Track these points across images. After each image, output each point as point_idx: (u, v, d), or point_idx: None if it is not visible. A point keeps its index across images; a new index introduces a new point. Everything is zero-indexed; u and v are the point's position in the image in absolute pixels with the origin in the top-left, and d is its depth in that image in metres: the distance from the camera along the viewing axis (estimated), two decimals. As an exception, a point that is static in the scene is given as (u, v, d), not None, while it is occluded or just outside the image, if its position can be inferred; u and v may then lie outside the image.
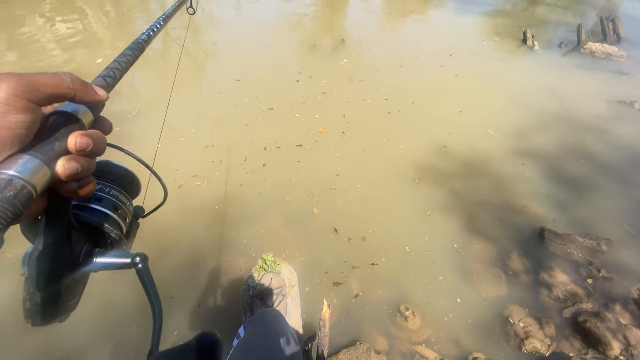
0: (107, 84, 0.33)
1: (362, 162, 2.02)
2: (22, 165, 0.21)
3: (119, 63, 0.39)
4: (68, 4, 4.62)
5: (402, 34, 3.87)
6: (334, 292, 1.43)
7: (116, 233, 0.31)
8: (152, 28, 0.54)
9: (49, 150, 0.24)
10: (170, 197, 0.42)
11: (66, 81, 0.25)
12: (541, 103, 2.56)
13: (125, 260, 0.30)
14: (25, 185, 0.21)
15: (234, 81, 2.79)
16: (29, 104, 0.22)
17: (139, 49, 0.45)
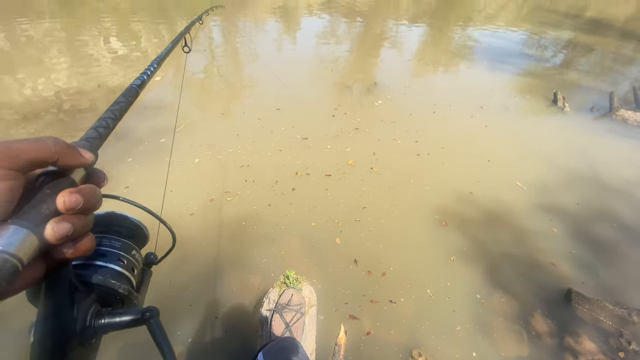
0: (99, 135, 0.33)
1: (387, 199, 2.06)
2: (5, 237, 0.20)
3: (112, 112, 0.39)
4: (124, 26, 5.14)
5: (434, 83, 4.04)
6: (346, 324, 1.42)
7: (124, 288, 0.30)
8: (145, 72, 0.53)
9: (35, 215, 0.22)
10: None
11: (48, 146, 0.24)
12: (570, 163, 2.57)
13: (136, 317, 0.29)
14: (8, 258, 0.19)
15: (275, 110, 2.98)
16: (8, 172, 0.22)
17: (132, 94, 0.45)
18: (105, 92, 3.08)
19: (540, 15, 8.62)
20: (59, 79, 3.30)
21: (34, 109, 2.76)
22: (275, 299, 1.37)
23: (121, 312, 0.29)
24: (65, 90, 3.09)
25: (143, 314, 0.28)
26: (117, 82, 3.30)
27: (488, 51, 5.24)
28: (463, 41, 5.87)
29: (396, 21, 6.96)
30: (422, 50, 5.22)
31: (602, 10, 10.17)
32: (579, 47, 6.04)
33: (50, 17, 5.40)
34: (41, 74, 3.39)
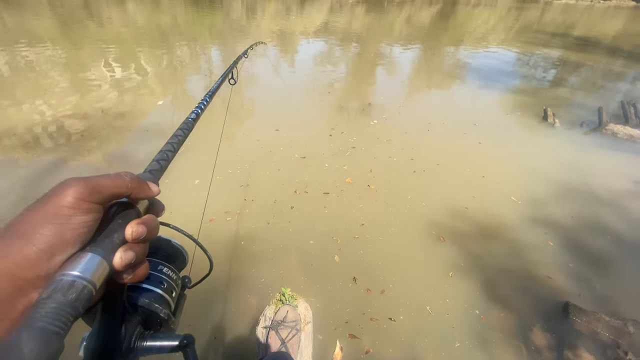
0: (161, 167, 0.37)
1: (385, 215, 2.11)
2: (84, 264, 0.23)
3: (171, 145, 0.43)
4: (128, 53, 5.34)
5: (428, 102, 4.17)
6: (346, 343, 1.43)
7: (165, 312, 0.31)
8: (199, 106, 0.58)
9: (108, 244, 0.25)
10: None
11: (125, 181, 0.27)
12: (563, 177, 2.62)
13: (174, 343, 0.30)
14: (86, 285, 0.22)
15: (274, 131, 3.07)
16: (92, 205, 0.24)
17: (188, 127, 0.49)
18: (107, 118, 3.17)
19: (529, 35, 8.94)
20: (60, 105, 3.40)
21: (35, 135, 2.84)
22: (271, 316, 1.39)
23: (162, 336, 0.30)
24: (68, 117, 3.18)
25: (181, 341, 0.30)
26: (119, 108, 3.40)
27: (479, 71, 5.42)
28: (455, 61, 6.08)
29: (390, 44, 7.22)
30: (415, 71, 5.40)
31: (589, 29, 10.55)
32: (568, 64, 6.25)
33: (52, 44, 5.61)
34: (42, 100, 3.49)
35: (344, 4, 13.24)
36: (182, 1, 11.79)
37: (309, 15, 10.47)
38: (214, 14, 9.80)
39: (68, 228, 0.23)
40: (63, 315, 0.20)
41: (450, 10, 13.29)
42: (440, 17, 11.66)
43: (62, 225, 0.23)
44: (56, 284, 0.21)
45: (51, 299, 0.20)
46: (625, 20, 13.71)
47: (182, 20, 8.55)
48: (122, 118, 3.18)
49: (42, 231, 0.22)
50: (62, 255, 0.23)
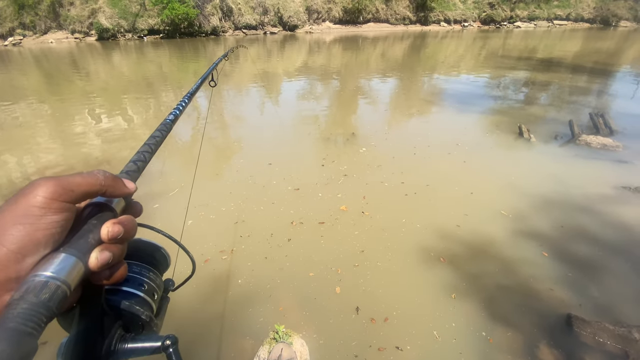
0: (137, 168, 0.37)
1: (382, 241, 2.11)
2: (57, 265, 0.22)
3: (149, 146, 0.42)
4: (114, 103, 5.45)
5: (411, 127, 4.35)
6: None
7: (146, 314, 0.31)
8: (177, 107, 0.56)
9: (83, 244, 0.24)
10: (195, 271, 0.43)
11: (99, 179, 0.26)
12: (547, 188, 2.71)
13: (156, 344, 0.29)
14: (60, 285, 0.21)
15: (265, 166, 3.12)
16: (63, 204, 0.24)
17: (166, 129, 0.48)
18: (92, 166, 3.18)
19: (496, 61, 9.58)
20: (44, 158, 3.40)
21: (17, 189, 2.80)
22: (265, 356, 1.33)
23: (143, 338, 0.30)
24: (53, 167, 3.18)
25: (163, 342, 0.29)
26: (105, 156, 3.42)
27: (455, 96, 5.73)
28: (431, 89, 6.42)
29: (369, 77, 7.61)
30: (396, 99, 5.67)
31: (550, 52, 11.39)
32: (536, 84, 6.67)
33: (37, 99, 5.70)
34: (27, 154, 3.49)
35: (322, 44, 14.04)
36: (166, 51, 12.29)
37: (289, 57, 11.02)
38: (198, 61, 10.21)
39: (39, 228, 0.22)
40: (36, 315, 0.19)
41: (421, 44, 14.23)
42: (412, 50, 12.44)
43: (32, 226, 0.22)
44: (28, 284, 0.21)
45: (23, 299, 0.20)
46: (582, 40, 14.90)
47: (167, 69, 8.87)
48: (107, 166, 3.19)
49: (12, 232, 0.22)
50: (34, 257, 0.22)
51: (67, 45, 14.46)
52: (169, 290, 0.38)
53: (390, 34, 18.08)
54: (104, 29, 15.61)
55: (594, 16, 23.15)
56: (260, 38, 16.59)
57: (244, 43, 14.45)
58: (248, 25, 18.13)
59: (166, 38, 16.35)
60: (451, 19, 21.53)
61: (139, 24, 16.32)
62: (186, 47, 13.45)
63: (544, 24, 22.83)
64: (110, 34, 15.87)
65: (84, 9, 15.59)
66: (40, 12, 15.30)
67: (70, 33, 15.80)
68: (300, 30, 19.00)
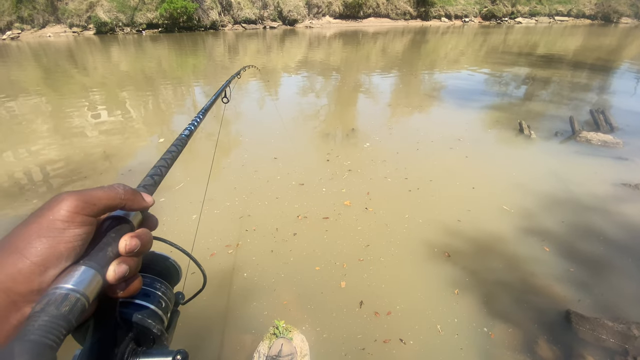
0: (154, 182, 0.37)
1: (385, 236, 2.13)
2: (77, 277, 0.23)
3: (165, 160, 0.43)
4: (113, 97, 5.43)
5: (414, 123, 4.37)
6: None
7: (158, 328, 0.31)
8: (192, 122, 0.57)
9: (102, 257, 0.25)
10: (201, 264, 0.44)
11: (119, 193, 0.27)
12: (547, 184, 2.74)
13: (167, 359, 0.29)
14: (79, 297, 0.22)
15: (270, 161, 3.14)
16: (86, 218, 0.24)
17: (182, 144, 0.49)
18: (91, 162, 3.17)
19: (496, 57, 9.56)
20: (43, 152, 3.39)
21: (19, 184, 2.81)
22: (265, 351, 1.33)
23: (155, 352, 0.30)
24: (52, 162, 3.17)
25: (174, 357, 0.29)
26: (104, 151, 3.42)
27: (456, 91, 5.73)
28: (433, 85, 6.41)
29: (370, 72, 7.59)
30: (398, 95, 5.66)
31: (551, 47, 11.37)
32: (537, 80, 6.67)
33: (36, 93, 5.67)
34: (26, 148, 3.48)
35: (322, 39, 13.96)
36: (165, 45, 12.20)
37: (289, 51, 10.97)
38: (197, 56, 10.15)
39: (61, 241, 0.23)
40: (56, 328, 0.20)
41: (421, 39, 14.17)
42: (413, 45, 12.39)
43: (55, 239, 0.23)
44: (49, 297, 0.21)
45: (44, 312, 0.20)
46: (583, 37, 14.87)
47: (166, 64, 8.81)
48: (106, 161, 3.19)
49: (36, 245, 0.22)
50: (56, 269, 0.23)
51: (65, 39, 14.35)
52: (179, 304, 0.38)
53: (391, 29, 17.98)
54: (102, 23, 15.48)
55: (595, 12, 23.09)
56: (260, 33, 16.48)
57: (243, 37, 14.35)
58: (247, 20, 18.00)
59: (165, 32, 16.23)
60: (452, 14, 21.41)
61: (137, 18, 16.17)
62: (185, 41, 13.35)
63: (545, 19, 22.76)
64: (109, 28, 15.73)
65: (82, 3, 15.43)
66: (38, 5, 15.14)
67: (69, 27, 15.66)
68: (300, 24, 18.88)
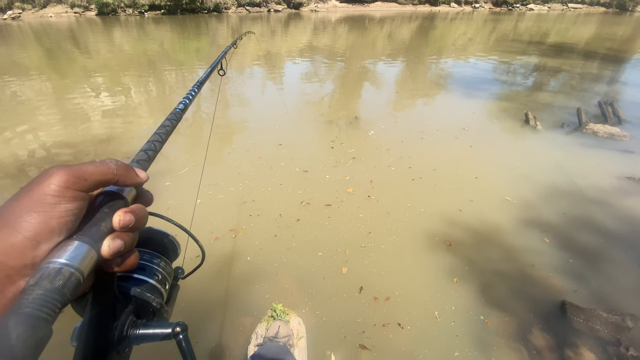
0: (148, 157, 0.37)
1: (386, 224, 2.16)
2: (71, 252, 0.22)
3: (159, 135, 0.42)
4: (115, 80, 5.40)
5: (420, 111, 4.33)
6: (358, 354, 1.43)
7: (157, 302, 0.31)
8: (187, 96, 0.56)
9: (95, 233, 0.25)
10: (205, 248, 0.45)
11: (111, 168, 0.27)
12: (551, 175, 2.73)
13: (166, 331, 0.30)
14: (73, 272, 0.22)
15: (276, 145, 3.15)
16: (77, 193, 0.24)
17: (176, 118, 0.48)
18: (93, 145, 3.19)
19: (506, 45, 9.36)
20: (46, 134, 3.40)
21: (21, 166, 2.83)
22: (263, 333, 1.37)
23: (154, 324, 0.30)
24: (54, 145, 3.19)
25: (173, 329, 0.30)
26: (106, 135, 3.43)
27: (463, 80, 5.65)
28: (439, 72, 6.31)
29: (376, 59, 7.47)
30: (405, 82, 5.59)
31: (563, 36, 11.09)
32: (546, 69, 6.55)
33: (38, 74, 5.64)
34: (28, 131, 3.49)
35: (327, 23, 13.68)
36: (168, 27, 12.02)
37: (293, 35, 10.78)
38: (200, 39, 10.00)
39: (53, 216, 0.23)
40: (50, 301, 0.20)
41: (429, 25, 13.85)
42: (420, 31, 12.12)
43: (46, 214, 0.23)
44: (43, 271, 0.21)
45: (38, 285, 0.20)
46: (597, 25, 14.46)
47: (168, 47, 8.70)
48: (108, 144, 3.21)
49: (27, 219, 0.22)
50: (49, 244, 0.23)
51: (66, 19, 14.15)
52: (178, 278, 0.38)
53: (398, 14, 17.57)
54: (103, 4, 15.22)
55: (610, 0, 22.36)
56: (264, 16, 16.16)
57: (247, 20, 14.09)
58: (251, 3, 17.61)
59: (167, 14, 15.95)
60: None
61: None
62: (188, 23, 13.14)
63: (558, 7, 22.09)
64: (110, 8, 15.48)
65: (83, -18, 15.14)
66: (39, -16, 14.88)
67: (70, 7, 15.41)
68: (305, 8, 18.46)
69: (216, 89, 4.45)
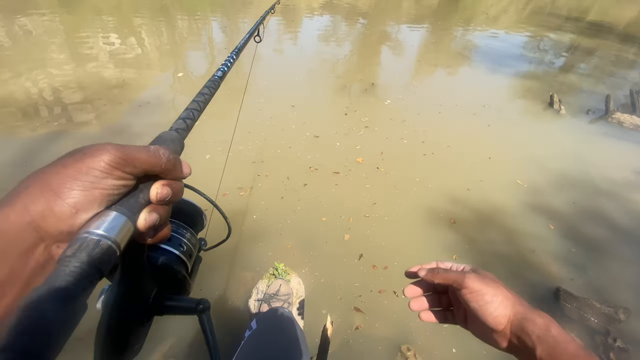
0: (187, 127, 0.36)
1: (393, 197, 2.16)
2: (109, 223, 0.22)
3: (198, 103, 0.41)
4: (128, 24, 5.19)
5: (440, 83, 4.14)
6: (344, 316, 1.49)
7: (182, 274, 0.31)
8: (225, 63, 0.55)
9: (133, 204, 0.25)
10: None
11: (161, 162, 0.26)
12: (566, 163, 2.66)
13: (190, 305, 0.30)
14: (110, 245, 0.21)
15: (289, 107, 3.07)
16: (124, 175, 0.24)
17: (215, 86, 0.47)
18: (105, 90, 3.14)
19: (541, 19, 8.70)
20: (58, 76, 3.35)
21: (33, 106, 2.82)
22: (264, 289, 1.42)
23: (179, 298, 0.31)
24: (66, 87, 3.15)
25: (197, 305, 0.30)
26: (118, 80, 3.36)
27: (489, 53, 5.32)
28: (465, 43, 5.95)
29: (400, 23, 7.03)
30: (428, 50, 5.29)
31: (604, 13, 10.25)
32: (579, 50, 6.13)
33: (50, 14, 5.44)
34: (40, 70, 3.43)
35: (352, -23, 12.69)
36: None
37: (315, -12, 10.07)
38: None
39: (97, 187, 0.23)
40: (87, 276, 0.19)
41: (462, -12, 12.80)
42: (451, -5, 11.25)
43: (91, 184, 0.23)
44: (81, 242, 0.21)
45: (75, 257, 0.20)
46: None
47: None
48: (120, 90, 3.16)
49: (71, 186, 0.22)
50: (88, 213, 0.23)
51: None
52: (201, 250, 0.38)
53: (429, -27, 16.20)
54: None
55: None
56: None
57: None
58: (273, -53, 16.31)
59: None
60: (500, -38, 19.08)
61: None
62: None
63: (605, -21, 20.18)
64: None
65: None
66: None
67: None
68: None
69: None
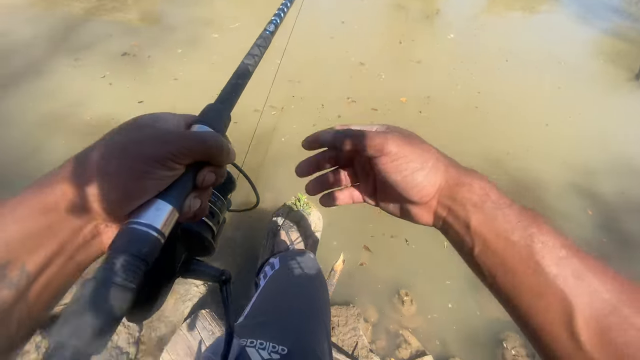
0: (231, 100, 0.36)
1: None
2: (157, 213, 0.23)
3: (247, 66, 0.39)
4: None
5: (513, 27, 3.54)
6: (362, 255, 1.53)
7: (208, 241, 0.32)
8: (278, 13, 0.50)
9: (180, 192, 0.25)
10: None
11: (211, 151, 0.27)
12: (632, 148, 2.35)
13: (214, 274, 0.31)
14: (157, 237, 0.23)
15: (339, 23, 2.76)
16: (174, 165, 0.25)
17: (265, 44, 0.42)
18: None
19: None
20: None
21: None
22: (284, 214, 1.43)
23: (204, 265, 0.32)
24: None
25: (221, 275, 0.31)
26: None
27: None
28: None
29: None
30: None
31: None
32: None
33: None
34: None
35: None
36: None
37: None
38: None
39: (150, 177, 0.24)
40: (137, 271, 0.20)
41: None
42: None
43: (146, 174, 0.24)
44: (130, 235, 0.22)
45: (126, 252, 0.21)
46: None
47: None
48: None
49: (127, 175, 0.23)
50: (138, 201, 0.24)
51: None
52: (225, 210, 0.38)
53: None
54: None
55: None
56: None
57: None
58: None
59: None
60: None
61: None
62: None
63: None
64: None
65: None
66: None
67: None
68: None
69: None
